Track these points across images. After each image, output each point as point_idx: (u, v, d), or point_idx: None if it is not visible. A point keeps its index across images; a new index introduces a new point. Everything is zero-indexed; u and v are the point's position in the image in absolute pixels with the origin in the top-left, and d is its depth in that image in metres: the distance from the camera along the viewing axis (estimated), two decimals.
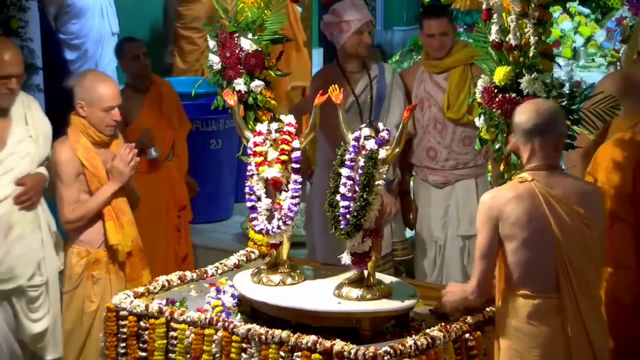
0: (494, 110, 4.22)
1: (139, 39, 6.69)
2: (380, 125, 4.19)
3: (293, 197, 4.36)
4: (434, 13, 5.91)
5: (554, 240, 3.91)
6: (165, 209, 6.38)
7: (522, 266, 3.93)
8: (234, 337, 4.11)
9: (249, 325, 4.11)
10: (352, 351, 3.86)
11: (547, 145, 3.96)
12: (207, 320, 4.19)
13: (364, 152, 4.12)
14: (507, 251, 3.95)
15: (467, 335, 4.11)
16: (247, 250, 5.08)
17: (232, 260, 4.98)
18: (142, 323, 4.34)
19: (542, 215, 3.91)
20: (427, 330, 4.04)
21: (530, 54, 4.13)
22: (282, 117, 4.48)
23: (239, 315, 4.34)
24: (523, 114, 3.97)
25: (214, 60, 4.99)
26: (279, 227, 4.36)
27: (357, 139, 4.17)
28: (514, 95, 4.17)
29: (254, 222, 4.45)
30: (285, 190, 4.39)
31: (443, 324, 4.11)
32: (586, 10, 8.83)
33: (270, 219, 4.40)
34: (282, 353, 3.99)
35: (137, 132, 6.31)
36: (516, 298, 3.97)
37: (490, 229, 3.95)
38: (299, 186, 4.37)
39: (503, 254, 3.97)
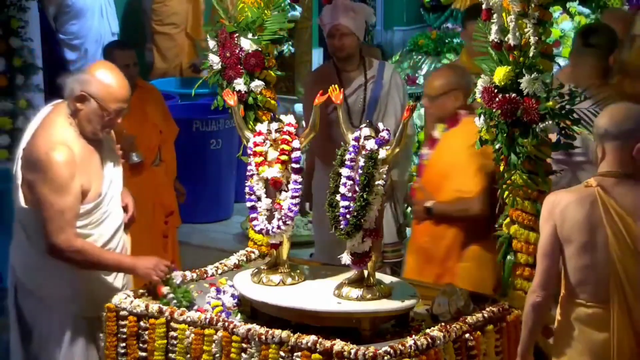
0: (494, 110, 4.22)
1: (130, 47, 6.55)
2: (380, 125, 4.20)
3: (293, 197, 4.36)
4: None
5: (609, 251, 3.85)
6: (152, 215, 6.28)
7: (578, 273, 3.90)
8: (234, 337, 4.10)
9: (249, 325, 4.11)
10: (352, 351, 3.86)
11: (622, 151, 3.88)
12: (207, 320, 4.19)
13: (364, 152, 4.12)
14: (565, 256, 3.92)
15: (467, 335, 4.11)
16: (247, 250, 5.08)
17: (232, 260, 4.98)
18: (142, 323, 4.34)
19: (599, 224, 3.85)
20: (427, 330, 4.04)
21: (530, 54, 4.13)
22: (282, 117, 4.48)
23: (239, 315, 4.34)
24: (602, 117, 3.94)
25: (214, 60, 4.99)
26: (279, 227, 4.36)
27: (357, 139, 4.17)
28: (514, 95, 4.17)
29: (254, 222, 4.45)
30: (285, 190, 4.39)
31: (443, 324, 4.11)
32: (586, 10, 8.83)
33: (270, 219, 4.40)
34: (282, 353, 3.99)
35: (118, 137, 6.26)
36: (571, 304, 3.95)
37: (550, 228, 3.91)
38: (299, 186, 4.37)
39: (562, 259, 3.94)
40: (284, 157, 4.37)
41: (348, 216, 4.10)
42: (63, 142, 4.40)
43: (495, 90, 4.21)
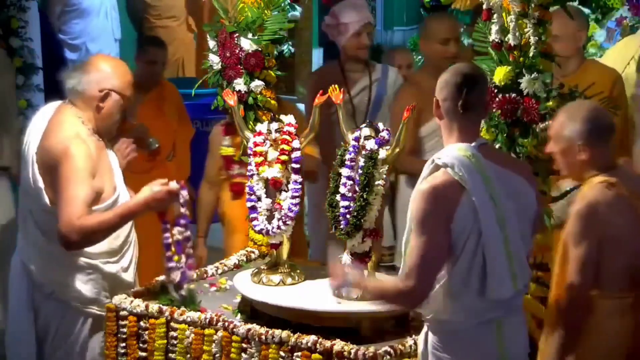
0: (494, 110, 4.22)
1: (164, 46, 6.78)
2: (380, 125, 4.20)
3: (293, 197, 4.36)
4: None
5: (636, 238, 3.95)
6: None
7: (615, 268, 3.94)
8: (234, 337, 4.10)
9: (249, 325, 4.11)
10: (352, 351, 3.86)
11: (607, 147, 3.99)
12: (207, 320, 4.19)
13: (364, 152, 4.13)
14: (604, 257, 3.94)
15: None
16: (247, 250, 5.08)
17: (232, 260, 4.98)
18: (142, 323, 4.34)
19: (634, 217, 3.93)
20: None
21: (530, 54, 4.13)
22: (282, 117, 4.49)
23: (239, 315, 4.34)
24: (575, 121, 3.97)
25: (214, 60, 5.00)
26: (279, 227, 4.36)
27: (357, 139, 4.17)
28: (514, 95, 4.17)
29: (254, 222, 4.45)
30: (285, 190, 4.39)
31: None
32: (586, 10, 8.82)
33: (270, 219, 4.40)
34: (282, 353, 3.99)
35: (130, 128, 6.36)
36: (598, 298, 3.98)
37: (594, 240, 3.91)
38: (299, 186, 4.37)
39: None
40: (284, 157, 4.38)
41: (348, 216, 4.10)
42: (78, 136, 4.42)
43: (495, 90, 4.21)
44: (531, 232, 3.74)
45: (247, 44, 4.90)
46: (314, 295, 4.26)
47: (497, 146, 4.27)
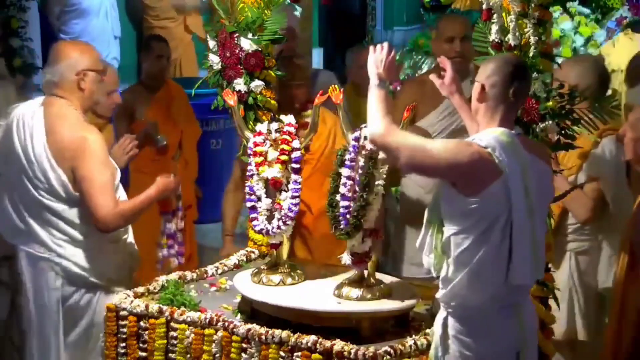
0: None
1: (167, 41, 6.93)
2: None
3: (293, 197, 4.36)
4: None
5: None
6: None
7: None
8: (234, 337, 4.11)
9: (249, 325, 4.11)
10: (352, 351, 3.86)
11: None
12: (207, 320, 4.20)
13: (364, 152, 4.12)
14: None
15: None
16: (247, 250, 5.08)
17: (232, 260, 4.98)
18: (142, 323, 4.34)
19: None
20: (427, 330, 4.04)
21: (530, 54, 4.13)
22: (282, 117, 4.49)
23: (239, 315, 4.34)
24: None
25: (214, 60, 4.99)
26: (279, 227, 4.37)
27: (357, 139, 4.17)
28: None
29: (254, 222, 4.45)
30: (285, 190, 4.39)
31: None
32: (586, 10, 8.83)
33: (270, 219, 4.41)
34: (282, 353, 3.99)
35: (142, 128, 6.41)
36: None
37: None
38: (299, 186, 4.38)
39: None
40: (284, 157, 4.38)
41: (348, 216, 4.10)
42: (83, 122, 4.60)
43: None
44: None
45: (247, 44, 4.90)
46: (314, 295, 4.26)
47: None
